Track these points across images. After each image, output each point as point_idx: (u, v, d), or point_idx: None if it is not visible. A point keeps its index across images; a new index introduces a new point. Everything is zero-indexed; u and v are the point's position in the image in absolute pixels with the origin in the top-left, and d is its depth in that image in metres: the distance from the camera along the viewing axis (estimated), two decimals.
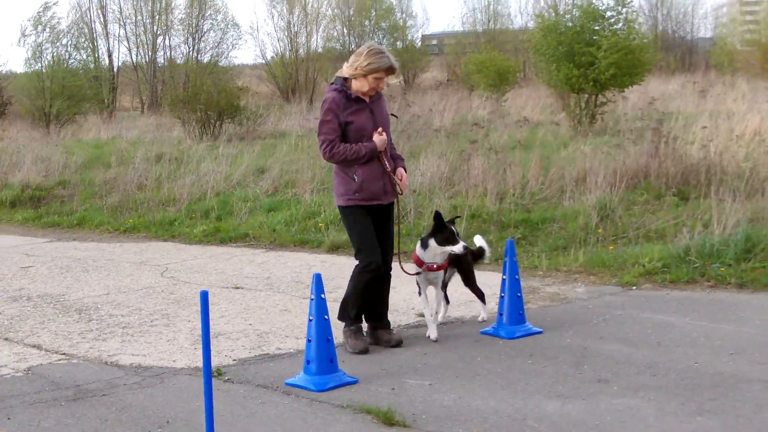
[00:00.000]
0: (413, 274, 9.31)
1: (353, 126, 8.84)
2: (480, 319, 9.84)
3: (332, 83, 9.01)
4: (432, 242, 9.13)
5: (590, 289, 11.25)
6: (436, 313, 9.59)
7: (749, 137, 19.00)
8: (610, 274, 11.81)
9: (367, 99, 8.94)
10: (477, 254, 10.01)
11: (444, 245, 9.09)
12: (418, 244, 9.30)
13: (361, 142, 8.81)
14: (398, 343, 9.09)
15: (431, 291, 9.44)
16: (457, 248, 9.08)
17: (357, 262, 9.00)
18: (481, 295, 9.82)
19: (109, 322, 10.42)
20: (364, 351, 8.86)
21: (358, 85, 8.86)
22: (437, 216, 9.16)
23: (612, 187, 15.15)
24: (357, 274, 8.97)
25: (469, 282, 9.73)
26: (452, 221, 9.29)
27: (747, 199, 13.74)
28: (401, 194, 9.25)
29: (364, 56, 8.79)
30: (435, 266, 9.23)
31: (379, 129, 8.92)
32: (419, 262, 9.22)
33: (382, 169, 8.94)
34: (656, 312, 10.02)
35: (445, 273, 9.51)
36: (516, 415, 7.11)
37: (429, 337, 9.23)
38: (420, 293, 9.37)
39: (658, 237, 13.02)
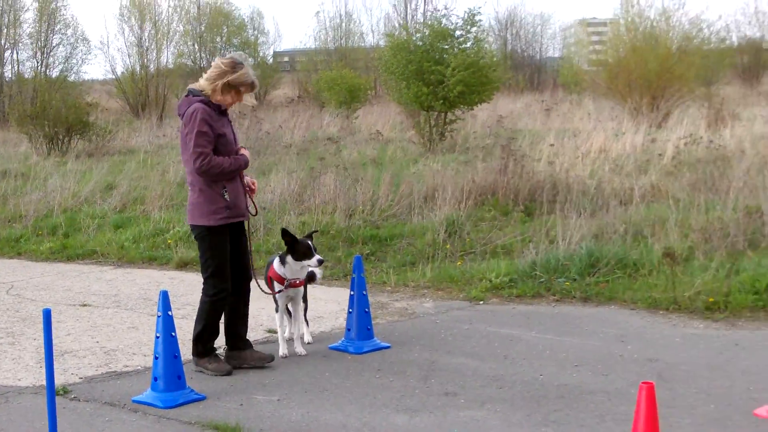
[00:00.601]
0: (276, 293, 9.20)
1: (225, 139, 8.62)
2: (307, 341, 9.69)
3: (189, 95, 8.68)
4: (290, 258, 9.03)
5: (438, 304, 11.36)
6: (286, 327, 9.57)
7: (594, 155, 19.47)
8: (457, 289, 11.94)
9: None
10: (309, 277, 9.64)
11: (302, 260, 9.02)
12: (276, 261, 9.19)
13: (229, 155, 8.63)
14: (271, 359, 8.96)
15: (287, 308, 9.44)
16: (312, 262, 9.03)
17: (205, 287, 8.79)
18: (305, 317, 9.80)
19: None
20: (230, 372, 8.71)
21: (219, 99, 8.61)
22: (284, 233, 9.09)
23: (460, 203, 15.34)
24: (208, 305, 8.74)
25: (305, 302, 9.65)
26: (310, 236, 9.26)
27: (591, 215, 14.01)
28: (255, 215, 9.20)
29: (231, 70, 8.59)
30: (298, 281, 9.18)
31: (239, 144, 8.88)
32: (280, 280, 9.13)
33: (242, 185, 8.85)
34: (503, 326, 10.18)
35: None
36: (364, 428, 7.16)
37: (280, 354, 9.19)
38: (277, 310, 9.30)
39: (505, 252, 13.22)
